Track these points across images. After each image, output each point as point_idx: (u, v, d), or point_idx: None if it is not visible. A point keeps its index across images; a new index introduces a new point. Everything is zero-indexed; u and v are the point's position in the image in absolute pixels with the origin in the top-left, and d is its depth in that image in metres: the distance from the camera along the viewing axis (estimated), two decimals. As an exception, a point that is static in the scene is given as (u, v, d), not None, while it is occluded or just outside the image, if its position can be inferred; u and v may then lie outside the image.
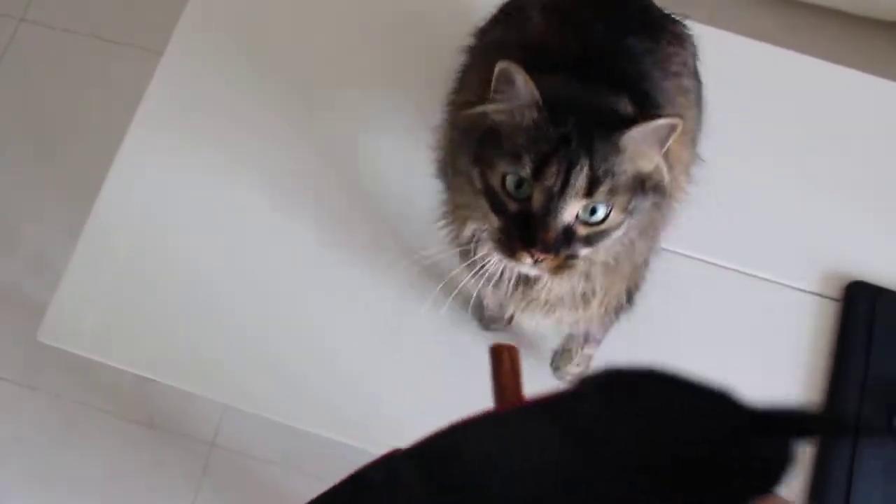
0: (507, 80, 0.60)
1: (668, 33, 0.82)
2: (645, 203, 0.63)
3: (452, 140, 0.71)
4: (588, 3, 0.79)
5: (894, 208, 1.07)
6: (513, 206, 0.61)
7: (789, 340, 0.99)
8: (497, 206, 0.62)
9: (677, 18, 0.86)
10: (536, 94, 0.60)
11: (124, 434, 1.52)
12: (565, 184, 0.59)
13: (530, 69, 0.63)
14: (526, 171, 0.59)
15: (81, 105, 1.74)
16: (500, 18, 0.86)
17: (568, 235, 0.61)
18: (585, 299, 0.71)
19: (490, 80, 0.66)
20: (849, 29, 1.83)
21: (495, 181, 0.61)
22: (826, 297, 1.01)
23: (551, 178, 0.59)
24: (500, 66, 0.60)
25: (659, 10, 0.84)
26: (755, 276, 1.01)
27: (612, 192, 0.60)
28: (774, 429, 0.39)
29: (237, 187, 1.04)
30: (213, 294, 0.99)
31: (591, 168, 0.59)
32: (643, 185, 0.62)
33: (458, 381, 0.94)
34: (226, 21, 1.14)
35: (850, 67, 1.16)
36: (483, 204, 0.64)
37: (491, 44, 0.82)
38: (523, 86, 0.60)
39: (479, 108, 0.63)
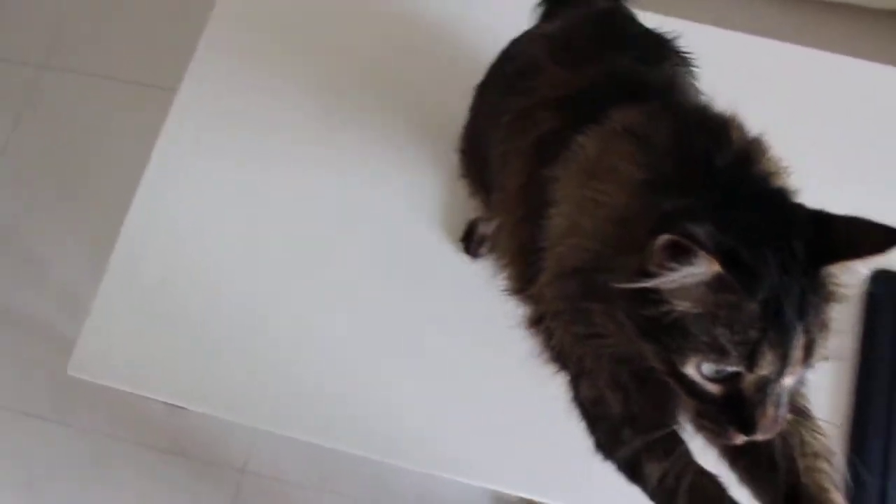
0: (676, 255, 0.47)
1: (673, 52, 0.80)
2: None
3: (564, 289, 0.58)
4: (592, 35, 0.77)
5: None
6: (716, 389, 0.50)
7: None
8: (692, 391, 0.51)
9: (670, 37, 0.82)
10: (719, 268, 0.47)
11: (155, 465, 1.53)
12: (784, 365, 0.49)
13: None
14: (739, 364, 0.49)
15: (102, 144, 1.78)
16: (504, 75, 0.82)
17: (778, 402, 0.51)
18: None
19: (531, 163, 0.64)
20: (848, 21, 1.83)
21: (689, 370, 0.50)
22: (849, 286, 1.00)
23: (768, 366, 0.49)
24: (664, 239, 0.47)
25: (654, 33, 0.82)
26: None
27: (824, 342, 0.51)
28: None
29: (257, 215, 1.06)
30: (239, 319, 1.01)
31: (807, 332, 0.49)
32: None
33: (487, 397, 0.95)
34: (238, 56, 1.17)
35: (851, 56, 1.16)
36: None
37: (518, 119, 0.73)
38: (703, 264, 0.47)
39: (644, 284, 0.49)
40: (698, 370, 0.50)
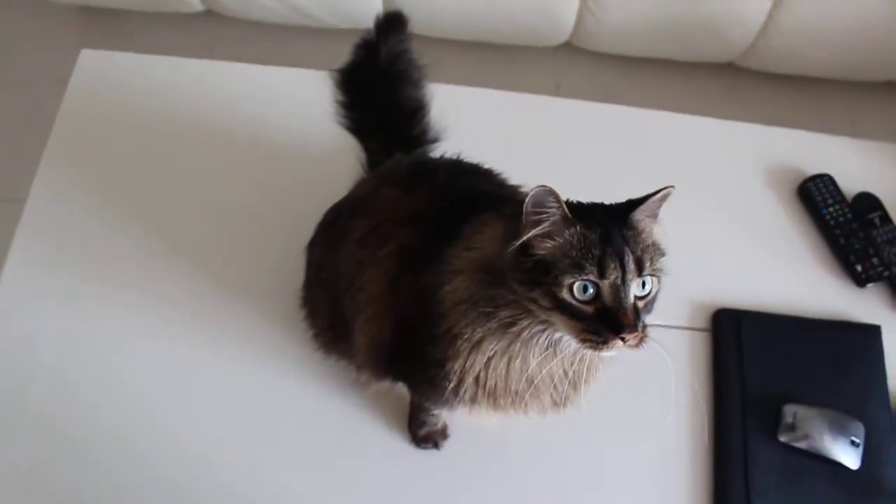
0: (541, 203, 0.68)
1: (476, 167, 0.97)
2: (661, 264, 0.73)
3: (471, 288, 0.74)
4: (407, 170, 0.93)
5: (741, 235, 1.16)
6: (589, 309, 0.68)
7: (672, 375, 1.04)
8: (575, 314, 0.68)
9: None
10: (566, 210, 0.69)
11: None
12: (624, 272, 0.68)
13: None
14: (594, 274, 0.68)
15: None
16: (338, 215, 0.94)
17: (636, 311, 0.70)
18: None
19: (390, 263, 0.81)
20: (682, 76, 2.00)
21: (565, 293, 0.68)
22: (696, 329, 1.08)
23: (613, 272, 0.68)
24: (535, 190, 0.67)
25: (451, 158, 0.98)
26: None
27: (651, 263, 0.71)
28: None
29: (117, 328, 1.04)
30: (102, 439, 0.97)
31: (633, 251, 0.69)
32: (657, 249, 0.73)
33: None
34: (84, 165, 1.16)
35: (689, 111, 1.28)
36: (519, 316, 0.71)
37: (370, 235, 0.86)
38: (556, 204, 0.68)
39: (528, 234, 0.69)
40: (571, 294, 0.68)
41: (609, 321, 0.68)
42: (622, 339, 0.67)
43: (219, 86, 1.23)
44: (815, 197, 1.18)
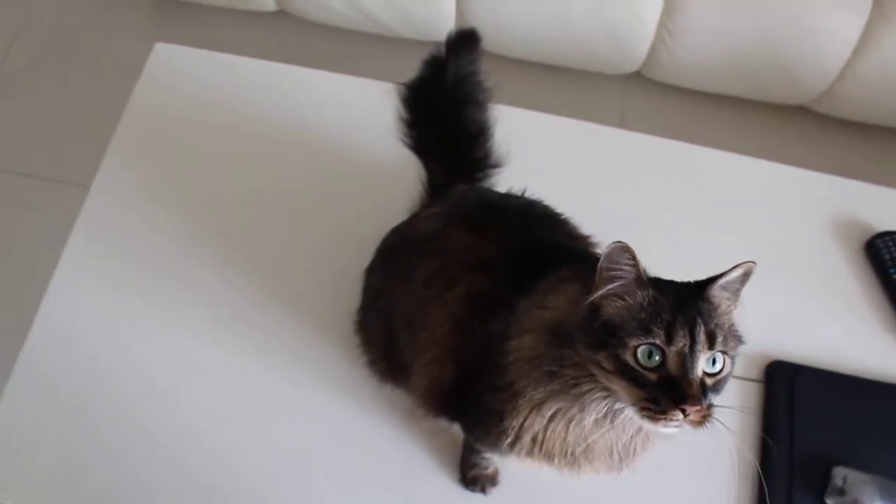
0: (615, 259, 0.67)
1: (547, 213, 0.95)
2: (738, 347, 0.70)
3: (536, 348, 0.73)
4: (477, 207, 0.93)
5: (802, 287, 1.13)
6: (652, 376, 0.66)
7: (729, 453, 1.00)
8: (637, 381, 0.66)
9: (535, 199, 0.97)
10: (643, 271, 0.67)
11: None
12: (693, 342, 0.65)
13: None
14: (660, 339, 0.65)
15: (11, 242, 1.74)
16: (401, 249, 0.93)
17: (703, 387, 0.66)
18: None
19: (457, 310, 0.80)
20: (750, 115, 1.96)
21: (629, 357, 0.66)
22: (748, 379, 1.05)
23: (681, 340, 0.65)
24: (611, 246, 0.66)
25: (518, 197, 0.98)
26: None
27: (725, 341, 0.67)
28: None
29: (160, 319, 1.05)
30: (150, 434, 0.98)
31: (705, 324, 0.66)
32: (734, 331, 0.70)
33: None
34: (153, 151, 1.18)
35: (755, 153, 1.24)
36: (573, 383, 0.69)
37: (437, 276, 0.84)
38: (631, 262, 0.66)
39: (601, 292, 0.67)
40: (635, 358, 0.65)
41: (671, 391, 0.65)
42: (683, 410, 0.64)
43: (286, 90, 1.24)
44: (884, 255, 1.14)
